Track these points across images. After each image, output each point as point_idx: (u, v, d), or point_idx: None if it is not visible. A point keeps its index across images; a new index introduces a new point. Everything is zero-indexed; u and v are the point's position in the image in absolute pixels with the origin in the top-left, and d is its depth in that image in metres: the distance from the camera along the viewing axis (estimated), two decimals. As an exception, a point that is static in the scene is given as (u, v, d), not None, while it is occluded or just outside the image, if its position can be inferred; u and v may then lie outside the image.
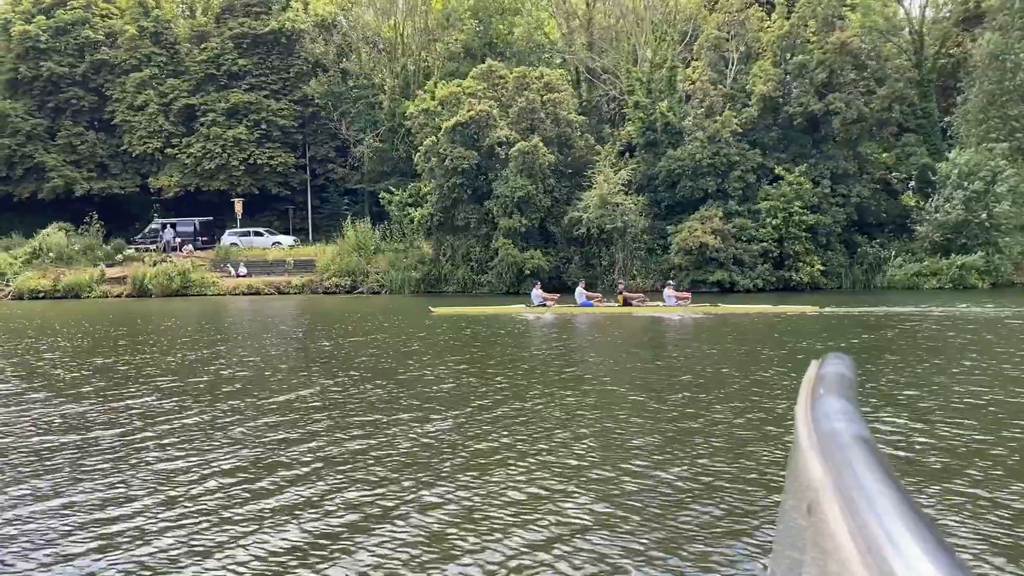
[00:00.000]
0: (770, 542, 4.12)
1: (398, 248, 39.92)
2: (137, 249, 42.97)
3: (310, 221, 51.60)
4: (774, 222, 31.22)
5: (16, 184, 48.32)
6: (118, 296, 39.18)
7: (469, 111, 35.14)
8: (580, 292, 23.64)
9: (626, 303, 22.51)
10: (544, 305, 22.96)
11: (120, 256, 42.31)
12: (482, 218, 35.49)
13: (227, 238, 43.56)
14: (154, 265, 39.89)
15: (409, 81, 48.43)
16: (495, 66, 38.24)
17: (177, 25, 51.25)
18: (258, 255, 41.83)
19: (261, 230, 45.08)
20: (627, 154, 36.69)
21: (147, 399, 10.11)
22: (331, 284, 38.26)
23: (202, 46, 48.51)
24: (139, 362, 14.07)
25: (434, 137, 36.06)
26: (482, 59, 48.14)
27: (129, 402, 9.90)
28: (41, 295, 39.25)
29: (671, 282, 25.43)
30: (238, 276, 40.40)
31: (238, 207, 45.38)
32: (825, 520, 0.62)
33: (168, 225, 44.16)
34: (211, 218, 46.18)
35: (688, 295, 24.34)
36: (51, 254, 41.26)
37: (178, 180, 47.25)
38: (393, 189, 39.98)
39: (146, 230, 45.45)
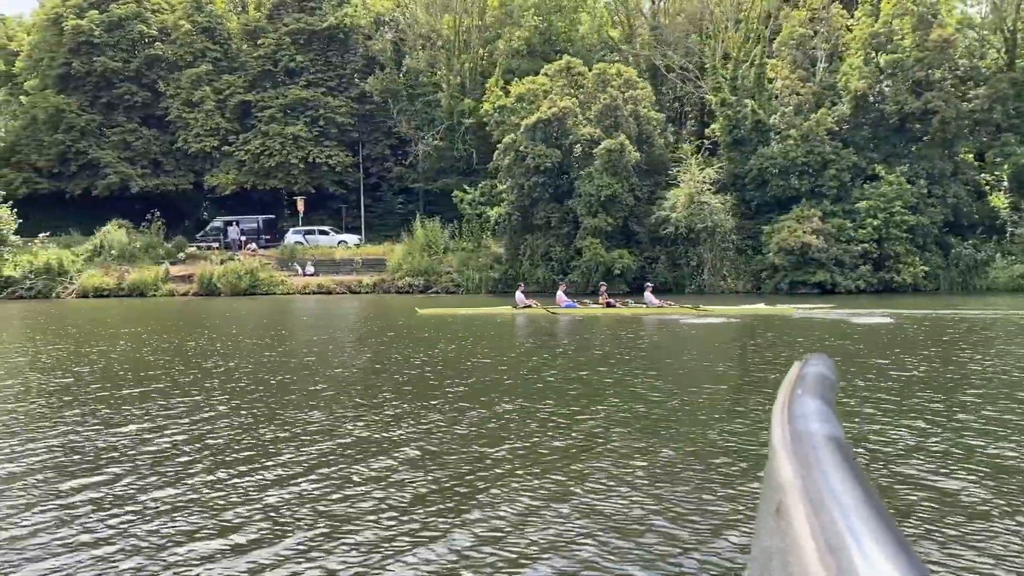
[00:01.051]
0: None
1: (466, 247, 39.33)
2: (199, 247, 42.24)
3: (363, 220, 50.83)
4: (874, 222, 30.56)
5: (68, 180, 47.56)
6: (184, 295, 38.50)
7: (550, 108, 34.49)
8: (560, 295, 24.42)
9: (608, 305, 23.00)
10: (528, 307, 23.66)
11: (182, 254, 41.62)
12: (563, 217, 34.82)
13: (291, 237, 42.85)
14: (221, 263, 39.19)
15: (468, 79, 47.86)
16: (573, 63, 37.57)
17: (228, 20, 50.52)
18: (325, 254, 41.12)
19: (326, 229, 44.37)
20: (706, 152, 36.05)
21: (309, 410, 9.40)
22: (404, 284, 37.56)
23: (258, 42, 47.78)
24: (273, 363, 13.36)
25: (513, 135, 35.43)
26: (543, 57, 47.66)
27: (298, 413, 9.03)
28: (106, 293, 38.57)
29: (649, 284, 25.94)
30: (305, 275, 39.73)
31: (300, 205, 44.67)
32: (791, 520, 0.61)
33: (233, 223, 43.41)
34: (273, 216, 45.46)
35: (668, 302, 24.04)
36: (113, 252, 40.53)
37: (235, 178, 46.50)
38: (468, 188, 39.31)
39: (208, 228, 44.76)
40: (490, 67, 48.44)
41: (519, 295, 24.88)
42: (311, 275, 39.72)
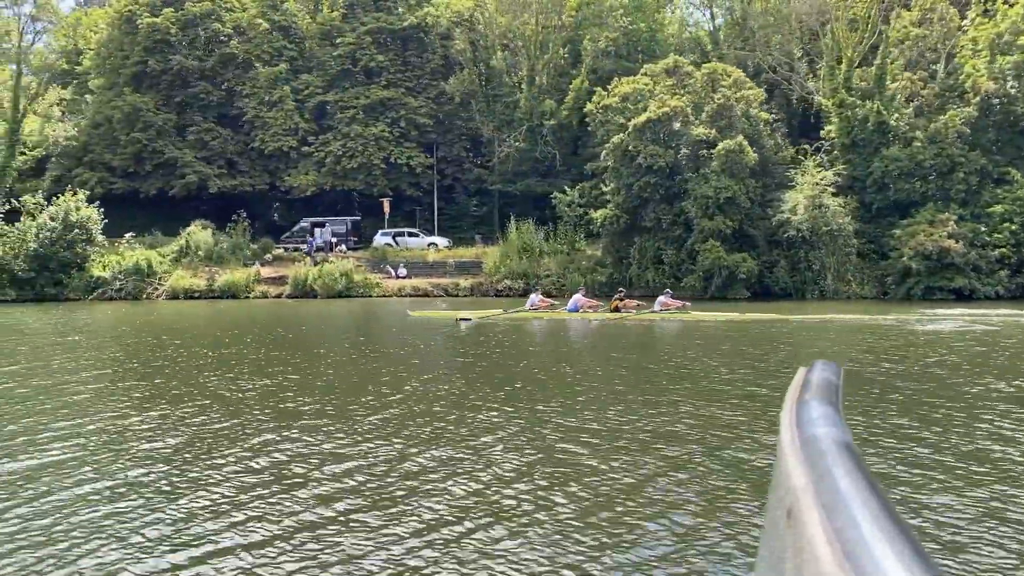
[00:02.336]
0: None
1: (561, 250, 38.57)
2: (286, 249, 41.49)
3: (435, 222, 50.09)
4: (1011, 227, 29.72)
5: (142, 180, 46.84)
6: (277, 297, 37.75)
7: (660, 107, 33.74)
8: (578, 298, 24.44)
9: (616, 310, 23.17)
10: (537, 309, 23.95)
11: (269, 256, 40.88)
12: (674, 219, 34.03)
13: (380, 239, 42.08)
14: (316, 265, 38.43)
15: (548, 80, 47.18)
16: (680, 62, 36.84)
17: (301, 20, 49.88)
18: (417, 256, 40.35)
19: (415, 231, 43.62)
20: (819, 153, 35.23)
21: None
22: (503, 286, 36.76)
23: (336, 41, 47.09)
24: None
25: (620, 135, 34.68)
26: (628, 57, 46.99)
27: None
28: (196, 295, 37.81)
29: (668, 292, 25.89)
30: (398, 278, 38.94)
31: (387, 207, 43.93)
32: (803, 525, 0.61)
33: (324, 224, 42.66)
34: (358, 218, 44.70)
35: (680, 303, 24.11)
36: (200, 253, 39.79)
37: (314, 179, 45.76)
38: (568, 189, 38.58)
39: (294, 229, 44.01)
40: (570, 68, 47.82)
41: (532, 297, 25.20)
42: (403, 277, 38.94)
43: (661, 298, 24.07)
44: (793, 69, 41.79)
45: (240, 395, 10.65)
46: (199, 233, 40.64)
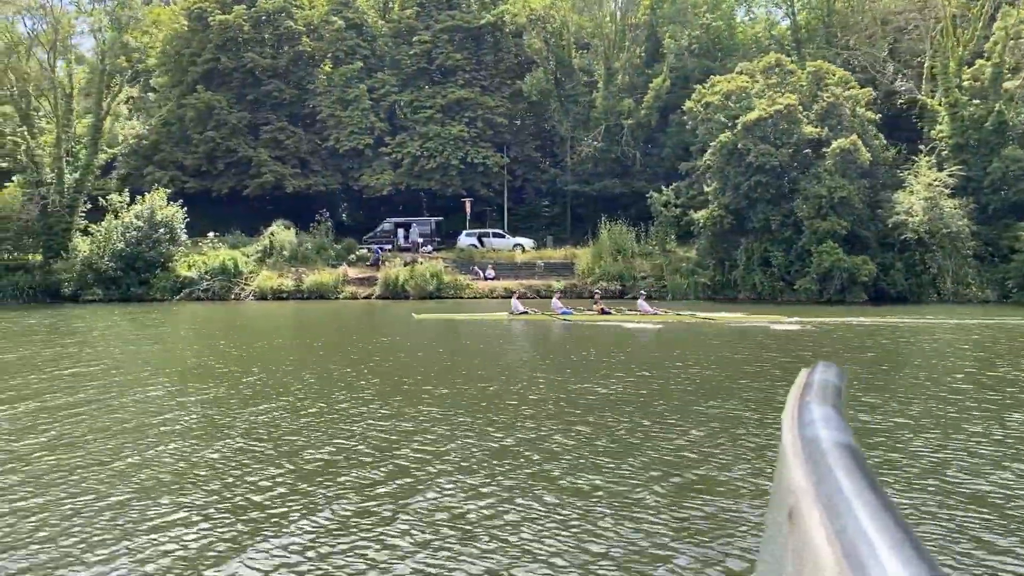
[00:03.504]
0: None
1: (653, 251, 37.86)
2: (369, 249, 40.80)
3: (505, 223, 49.40)
4: None
5: (213, 180, 46.22)
6: (367, 297, 37.06)
7: (773, 105, 33.02)
8: (556, 303, 24.80)
9: (603, 312, 23.50)
10: (525, 313, 24.04)
11: (352, 256, 40.21)
12: (783, 220, 33.27)
13: (464, 240, 41.34)
14: (405, 265, 37.74)
15: (626, 79, 46.53)
16: (782, 60, 36.14)
17: (371, 19, 49.27)
18: (505, 258, 39.64)
19: (501, 231, 42.90)
20: (932, 154, 34.47)
21: None
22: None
23: (413, 39, 46.46)
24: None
25: (727, 133, 33.97)
26: (707, 55, 46.32)
27: None
28: (284, 295, 37.13)
29: (643, 293, 26.91)
30: (487, 279, 38.23)
31: (468, 208, 43.23)
32: (804, 525, 0.61)
33: (411, 225, 41.95)
34: (441, 218, 44.00)
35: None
36: (284, 253, 39.12)
37: (390, 179, 45.08)
38: (664, 188, 37.87)
39: (377, 230, 43.31)
40: (646, 67, 47.14)
41: (514, 302, 25.09)
42: (491, 279, 38.23)
43: (641, 302, 24.15)
44: (877, 68, 41.10)
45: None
46: (282, 233, 39.98)
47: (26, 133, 37.41)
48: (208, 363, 14.31)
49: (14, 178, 40.83)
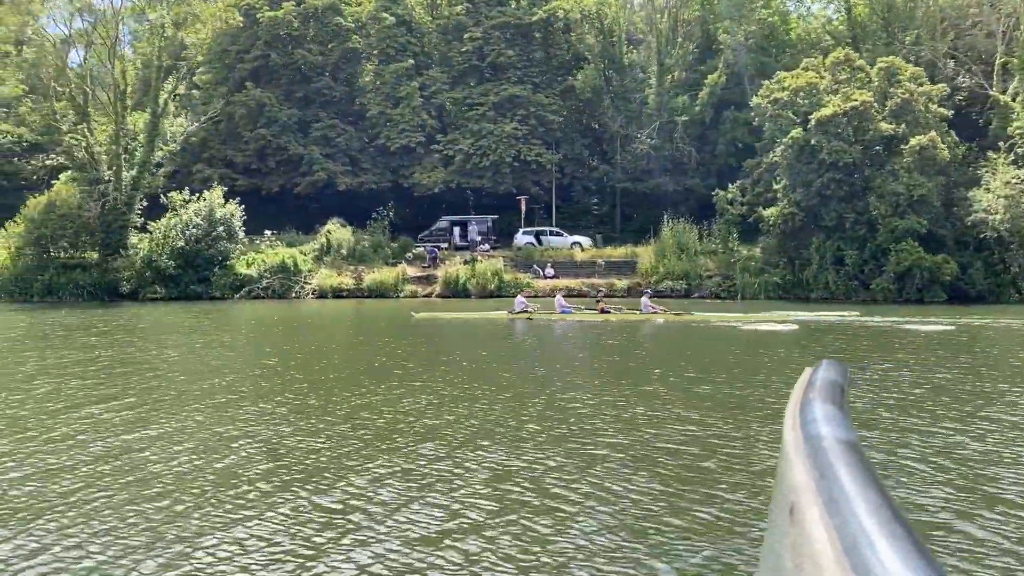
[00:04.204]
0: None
1: (716, 249, 37.33)
2: (425, 248, 40.42)
3: (553, 220, 48.90)
4: None
5: (263, 177, 45.91)
6: (427, 296, 36.69)
7: (848, 102, 32.44)
8: (559, 301, 24.97)
9: (604, 311, 23.62)
10: (526, 311, 23.79)
11: (409, 254, 39.86)
12: (857, 218, 32.69)
13: (521, 238, 40.92)
14: (465, 264, 37.37)
15: (680, 74, 46.03)
16: (851, 55, 35.51)
17: (419, 16, 48.89)
18: (565, 256, 39.20)
19: (558, 229, 42.45)
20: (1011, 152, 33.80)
21: None
22: (665, 287, 35.52)
23: (464, 36, 46.04)
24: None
25: (798, 129, 33.42)
26: (761, 51, 45.71)
27: None
28: (344, 294, 36.81)
29: (647, 291, 27.74)
30: (546, 277, 37.80)
31: (523, 206, 42.79)
32: (804, 522, 0.62)
33: (469, 223, 41.50)
34: (497, 216, 43.54)
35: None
36: (342, 251, 38.79)
37: (441, 177, 44.68)
38: (730, 185, 37.34)
39: (432, 228, 42.93)
40: (699, 63, 46.60)
41: (519, 299, 24.95)
42: (551, 277, 37.81)
43: (645, 300, 24.31)
44: (938, 64, 40.43)
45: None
46: (338, 231, 39.65)
47: (85, 130, 37.15)
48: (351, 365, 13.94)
49: (61, 176, 40.60)
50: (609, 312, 23.63)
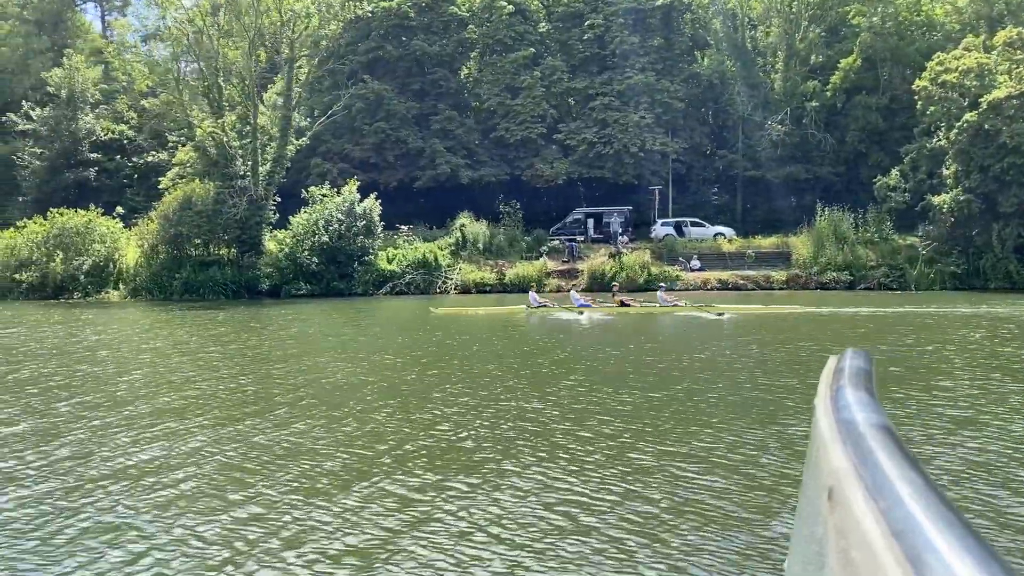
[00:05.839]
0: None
1: (873, 238, 35.79)
2: (560, 241, 39.40)
3: (670, 211, 47.57)
4: None
5: (381, 171, 45.05)
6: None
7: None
8: (575, 296, 24.87)
9: (622, 304, 23.00)
10: (545, 306, 23.72)
11: (544, 247, 38.86)
12: (1041, 204, 31.06)
13: (660, 229, 39.69)
14: (610, 257, 36.28)
15: (810, 58, 44.46)
16: (1023, 33, 33.77)
17: (533, 3, 47.72)
18: (712, 248, 37.94)
19: (700, 220, 41.20)
20: None
21: None
22: (828, 279, 34.10)
23: (584, 24, 44.83)
24: None
25: (971, 113, 31.82)
26: (895, 34, 43.92)
27: None
28: (487, 288, 35.90)
29: (663, 285, 28.16)
30: (692, 270, 36.56)
31: (657, 196, 41.58)
32: (848, 506, 0.61)
33: (612, 214, 40.37)
34: (632, 207, 42.35)
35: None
36: (479, 245, 37.89)
37: (563, 168, 43.58)
38: (895, 172, 35.79)
39: (567, 220, 41.90)
40: (827, 47, 44.95)
41: (532, 296, 24.85)
42: (697, 270, 36.57)
43: (661, 294, 24.33)
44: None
45: None
46: (472, 225, 38.75)
47: (224, 125, 36.55)
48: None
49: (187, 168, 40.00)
50: (629, 305, 22.96)
